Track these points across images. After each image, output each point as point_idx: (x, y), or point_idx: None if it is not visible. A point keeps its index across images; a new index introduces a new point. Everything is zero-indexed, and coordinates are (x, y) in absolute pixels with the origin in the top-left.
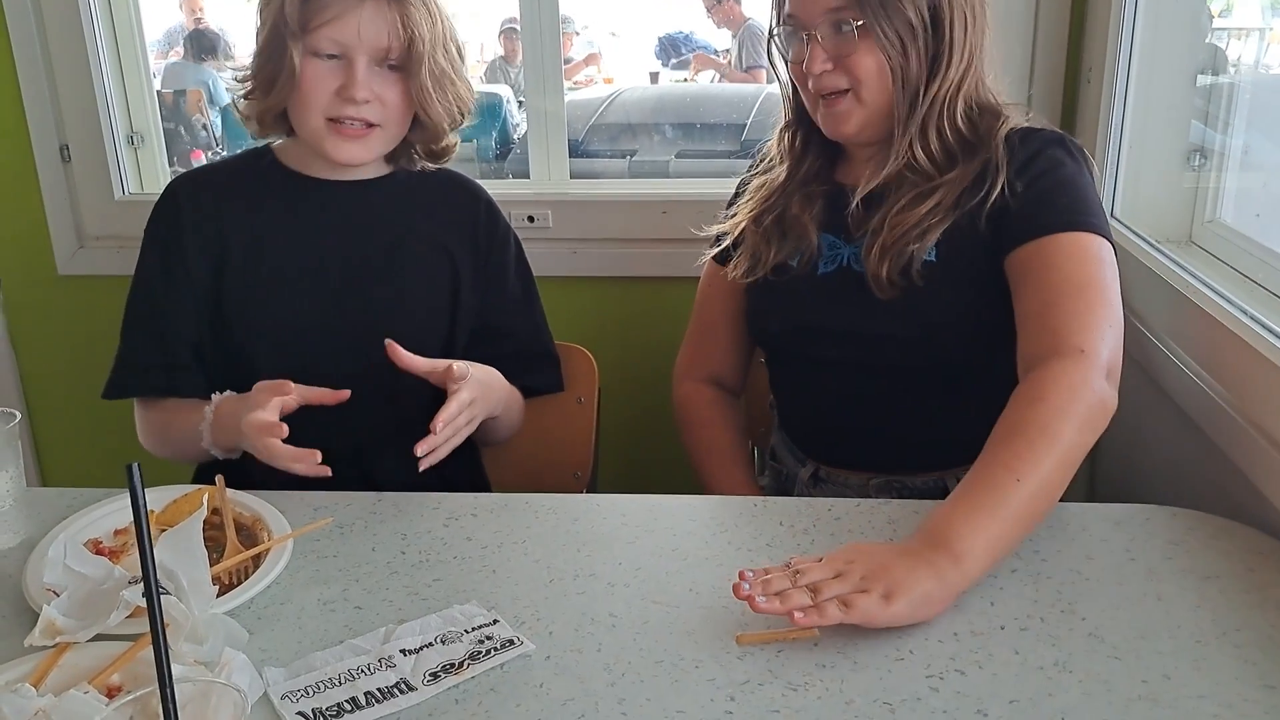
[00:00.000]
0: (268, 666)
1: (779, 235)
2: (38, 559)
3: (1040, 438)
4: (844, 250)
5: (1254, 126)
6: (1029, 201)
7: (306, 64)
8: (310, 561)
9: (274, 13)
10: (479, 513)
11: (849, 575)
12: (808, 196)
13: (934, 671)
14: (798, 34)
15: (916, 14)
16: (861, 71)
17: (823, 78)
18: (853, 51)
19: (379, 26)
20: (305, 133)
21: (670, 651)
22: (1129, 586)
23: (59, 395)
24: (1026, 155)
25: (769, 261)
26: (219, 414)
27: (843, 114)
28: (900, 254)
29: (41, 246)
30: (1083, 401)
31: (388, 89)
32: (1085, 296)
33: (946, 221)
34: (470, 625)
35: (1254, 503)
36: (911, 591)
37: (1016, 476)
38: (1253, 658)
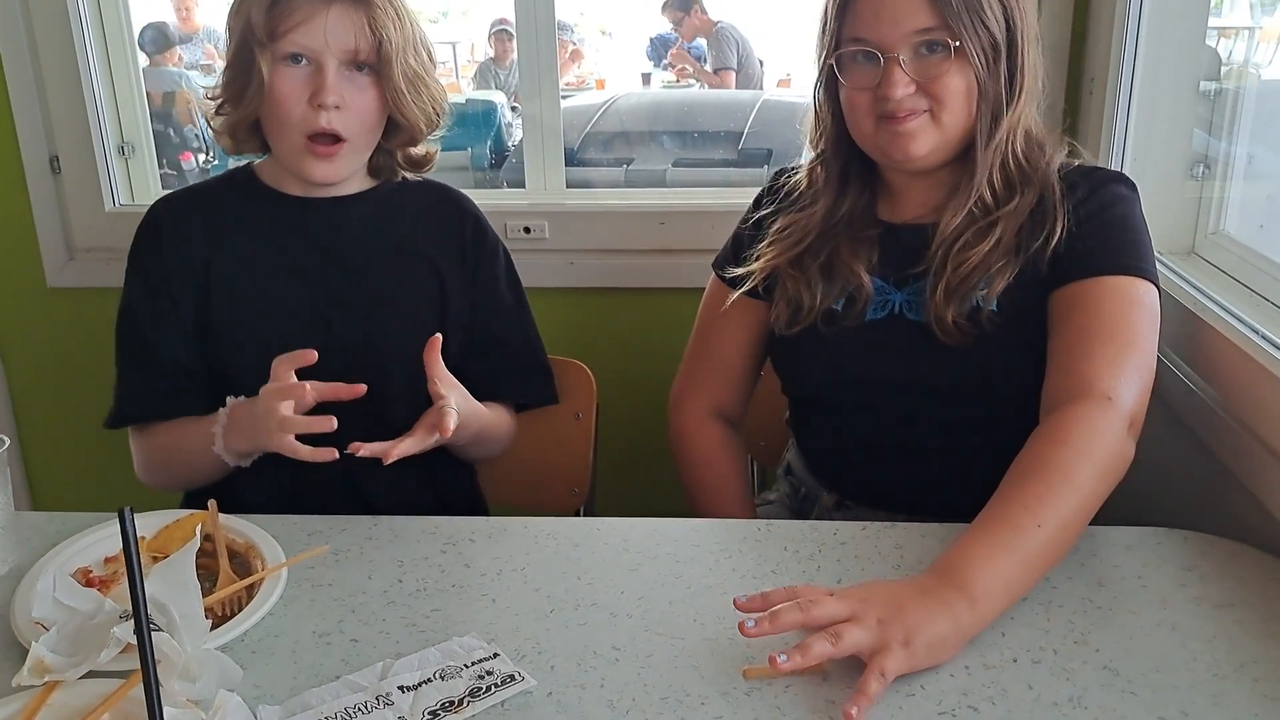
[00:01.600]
0: (262, 704)
1: (824, 280)
2: (26, 590)
3: (1062, 482)
4: (894, 296)
5: (1258, 136)
6: (1083, 239)
7: (276, 72)
8: (305, 591)
9: (241, 24)
10: (477, 538)
11: (865, 619)
12: (857, 239)
13: (946, 708)
14: (870, 57)
15: (1000, 32)
16: (947, 94)
17: (902, 101)
18: (940, 74)
19: (346, 28)
20: (282, 151)
21: (675, 687)
22: (1142, 615)
23: (48, 407)
24: (1086, 192)
25: (816, 309)
26: (234, 418)
27: (915, 132)
28: (966, 297)
29: (31, 258)
30: (1106, 449)
31: (359, 94)
32: (1118, 341)
33: (1012, 268)
34: (470, 659)
35: (1259, 519)
36: (929, 635)
37: (1037, 521)
38: (1272, 692)
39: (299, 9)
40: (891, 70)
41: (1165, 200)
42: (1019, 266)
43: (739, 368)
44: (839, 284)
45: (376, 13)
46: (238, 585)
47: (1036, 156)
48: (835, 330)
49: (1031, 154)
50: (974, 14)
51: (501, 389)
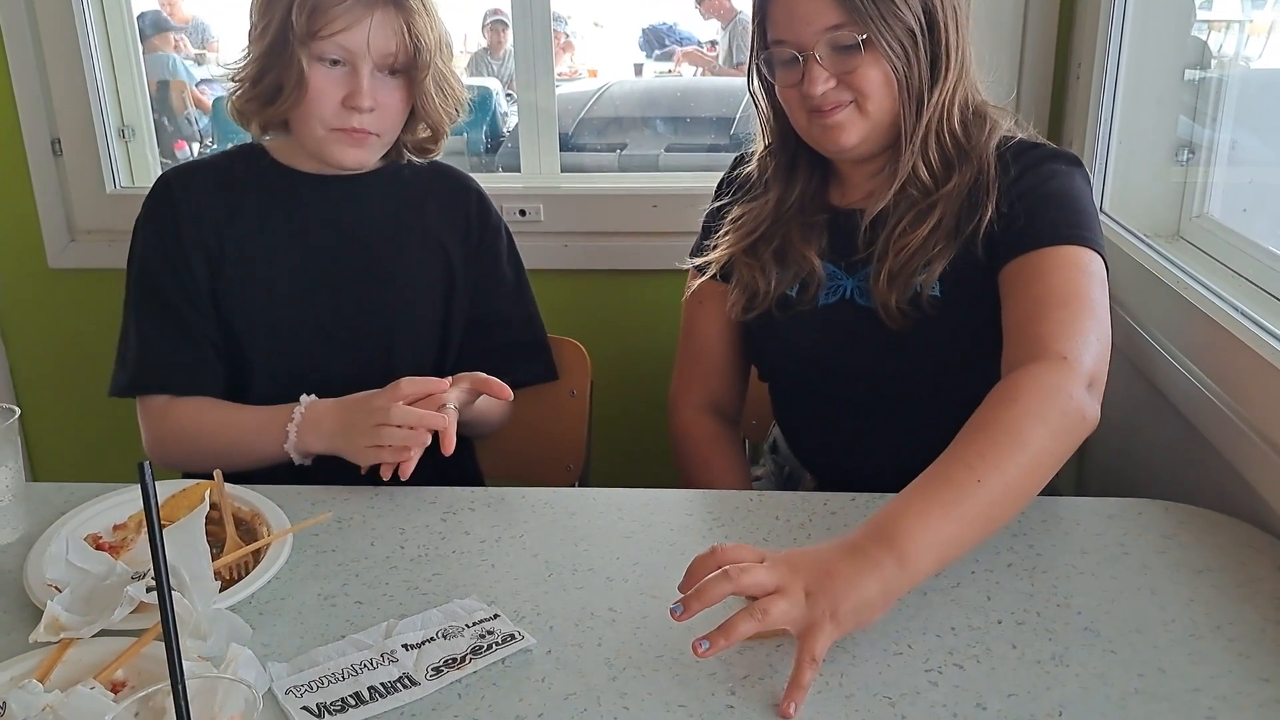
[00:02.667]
0: (270, 662)
1: (777, 266)
2: (38, 554)
3: (1007, 439)
4: (846, 282)
5: (1241, 122)
6: (1021, 215)
7: (312, 71)
8: (310, 556)
9: (279, 20)
10: (476, 507)
11: (792, 591)
12: (808, 224)
13: (933, 665)
14: (790, 56)
15: (915, 19)
16: (866, 85)
17: (825, 95)
18: (855, 67)
19: (387, 34)
20: (309, 141)
21: (670, 646)
22: (1123, 580)
23: (49, 389)
24: (1019, 171)
25: (770, 295)
26: (309, 417)
27: (843, 124)
28: (908, 282)
29: (32, 240)
30: (1057, 407)
31: (390, 95)
32: (1070, 307)
33: (949, 252)
34: (471, 620)
35: (1243, 494)
36: (855, 600)
37: (978, 477)
38: (1247, 651)
39: (342, 15)
40: (810, 68)
41: (1151, 184)
42: (956, 249)
43: (724, 357)
44: (792, 269)
45: (414, 18)
46: (245, 550)
47: (976, 132)
48: (790, 316)
49: (970, 129)
50: (882, 4)
51: (502, 367)
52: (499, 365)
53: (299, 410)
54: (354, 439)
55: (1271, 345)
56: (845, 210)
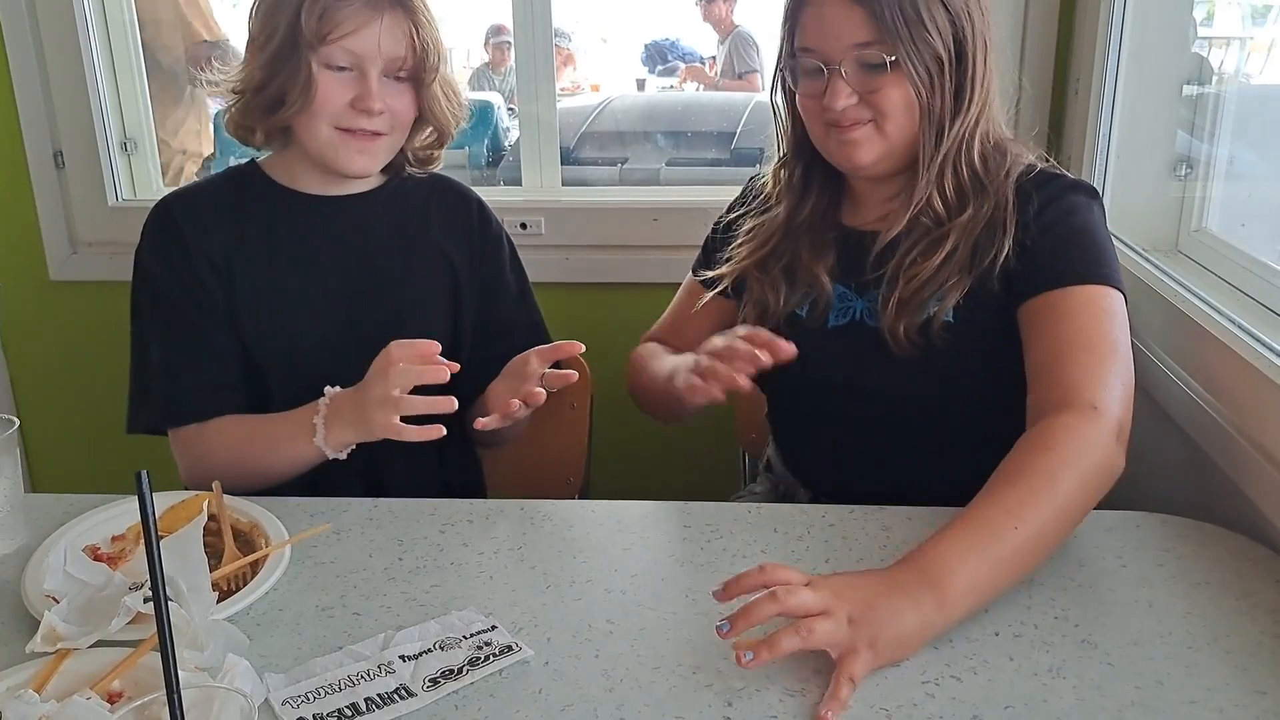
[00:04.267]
0: (267, 673)
1: (787, 283)
2: (36, 565)
3: (1045, 488)
4: (856, 303)
5: (1239, 137)
6: (1043, 251)
7: (320, 75)
8: (308, 568)
9: (286, 24)
10: (475, 519)
11: (837, 614)
12: (818, 243)
13: (930, 677)
14: (815, 67)
15: (944, 46)
16: (888, 106)
17: (846, 110)
18: (880, 87)
19: (396, 38)
20: (314, 143)
21: (668, 658)
22: (1120, 593)
23: (50, 401)
24: (1041, 203)
25: (780, 311)
26: (334, 406)
27: (860, 141)
28: (917, 311)
29: (34, 252)
30: (1090, 459)
31: (397, 99)
32: (1098, 351)
33: (964, 283)
34: (469, 631)
35: (1241, 507)
36: (895, 633)
37: (1015, 524)
38: (1243, 664)
39: (351, 17)
40: (834, 81)
41: (1149, 199)
42: (971, 282)
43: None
44: (801, 288)
45: (421, 23)
46: (243, 561)
47: (996, 165)
48: (798, 334)
49: (990, 162)
50: (914, 28)
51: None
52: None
53: (323, 403)
54: (371, 418)
55: (1269, 359)
56: (856, 230)
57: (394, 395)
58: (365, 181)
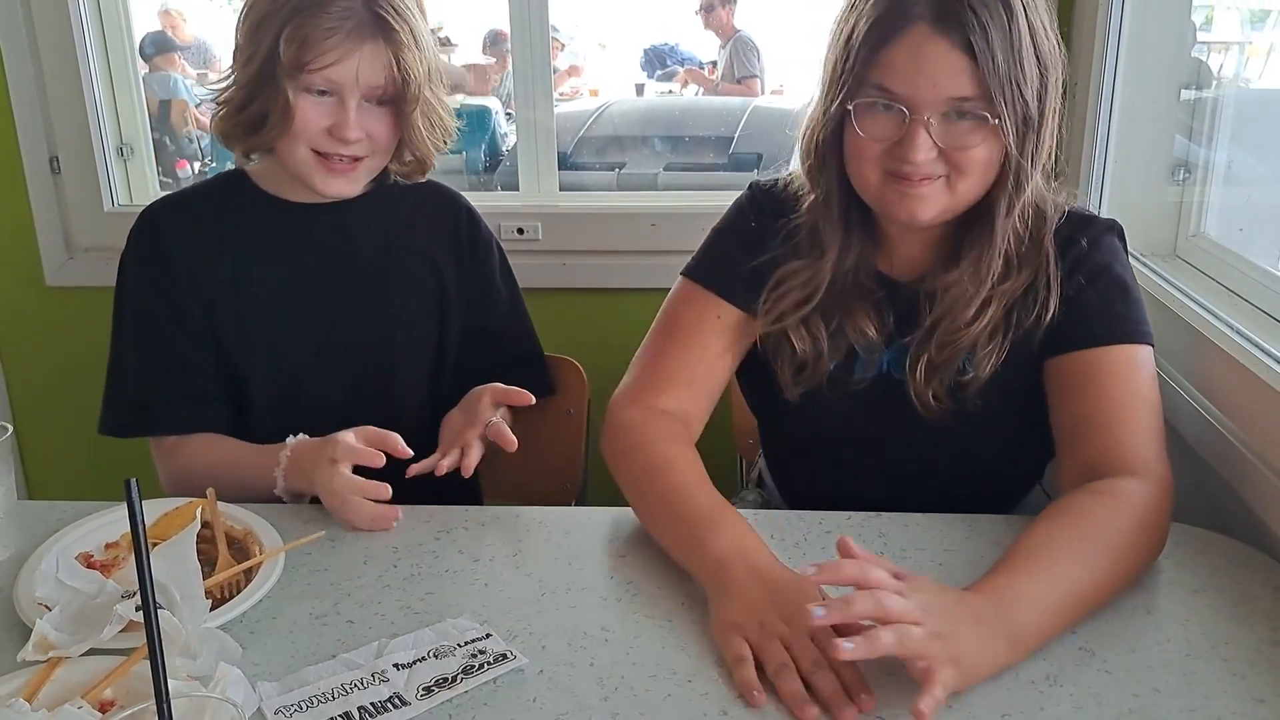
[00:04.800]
0: (260, 681)
1: (831, 338)
2: (29, 573)
3: (1119, 549)
4: (883, 355)
5: (1237, 141)
6: (1086, 305)
7: (299, 101)
8: (302, 575)
9: (266, 49)
10: (470, 526)
11: (929, 625)
12: (865, 297)
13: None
14: (895, 112)
15: (1034, 106)
16: (969, 165)
17: (922, 164)
18: (969, 145)
19: (376, 68)
20: (291, 163)
21: (663, 666)
22: (1118, 600)
23: (46, 406)
24: (1084, 246)
25: (824, 369)
26: (294, 458)
27: (926, 197)
28: (949, 375)
29: (30, 257)
30: (1160, 531)
31: (377, 124)
32: (1150, 417)
33: (1003, 347)
34: (463, 639)
35: (1239, 513)
36: (973, 661)
37: (1090, 579)
38: (1241, 671)
39: (333, 49)
40: (916, 132)
41: (1147, 203)
42: (1008, 345)
43: (715, 383)
44: (846, 344)
45: (403, 50)
46: (236, 569)
47: (1039, 230)
48: (833, 391)
49: (1036, 228)
50: (1014, 87)
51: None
52: (495, 380)
53: (285, 454)
54: (318, 491)
55: (1268, 365)
56: (889, 279)
57: (337, 492)
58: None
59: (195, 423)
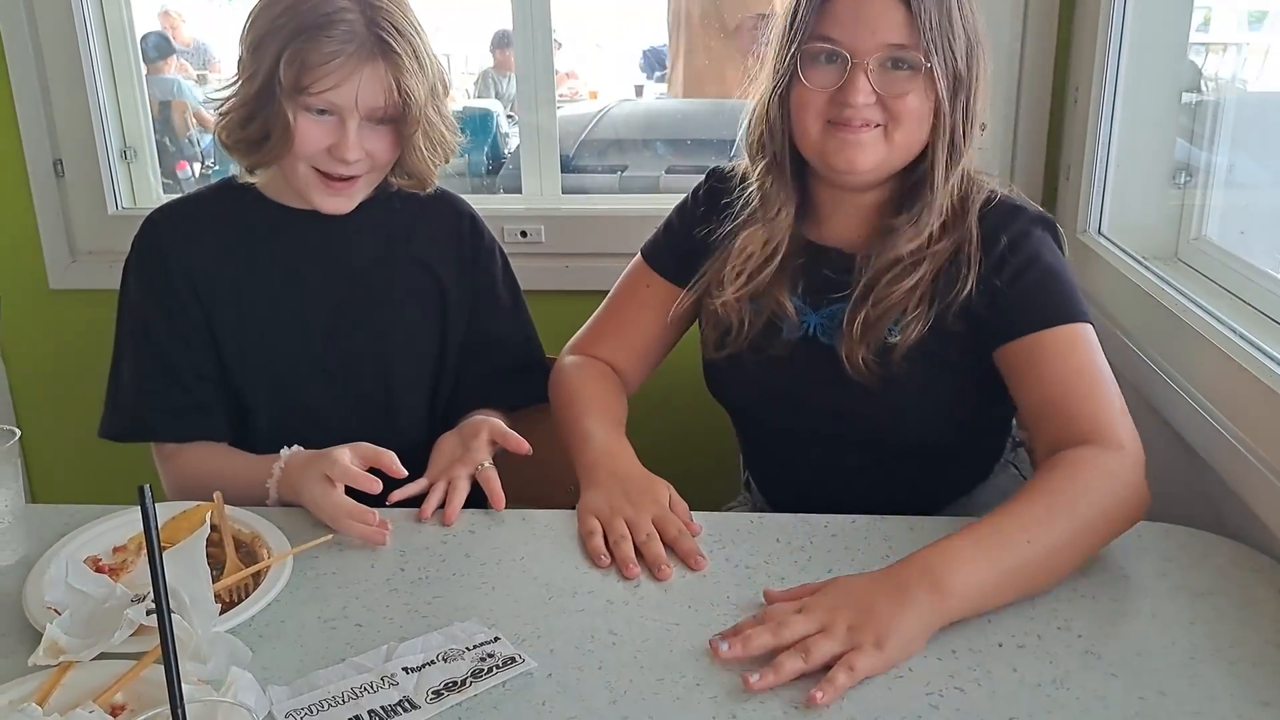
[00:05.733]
0: (270, 685)
1: (752, 305)
2: (37, 577)
3: (1064, 510)
4: (811, 318)
5: (1238, 144)
6: (1021, 292)
7: (299, 121)
8: (310, 579)
9: (267, 68)
10: (476, 529)
11: (835, 629)
12: (786, 265)
13: (934, 689)
14: (835, 59)
15: (963, 66)
16: (905, 113)
17: (861, 109)
18: (904, 92)
19: (375, 90)
20: (293, 178)
21: (672, 669)
22: (1124, 603)
23: (50, 409)
24: (1006, 244)
25: (745, 334)
26: (289, 469)
27: (865, 144)
28: (879, 336)
29: (33, 260)
30: (1116, 493)
31: (377, 142)
32: (1101, 386)
33: (928, 316)
34: (471, 643)
35: (1243, 517)
36: (898, 635)
37: (1028, 538)
38: (1246, 674)
39: (331, 73)
40: (856, 77)
41: (1148, 207)
42: (933, 315)
43: (649, 346)
44: (766, 311)
45: (403, 72)
46: (245, 572)
47: (971, 199)
48: (758, 354)
49: (967, 196)
50: (948, 38)
51: (499, 388)
52: (496, 387)
53: (278, 465)
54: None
55: (1269, 368)
56: (818, 246)
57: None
58: None
59: (191, 431)
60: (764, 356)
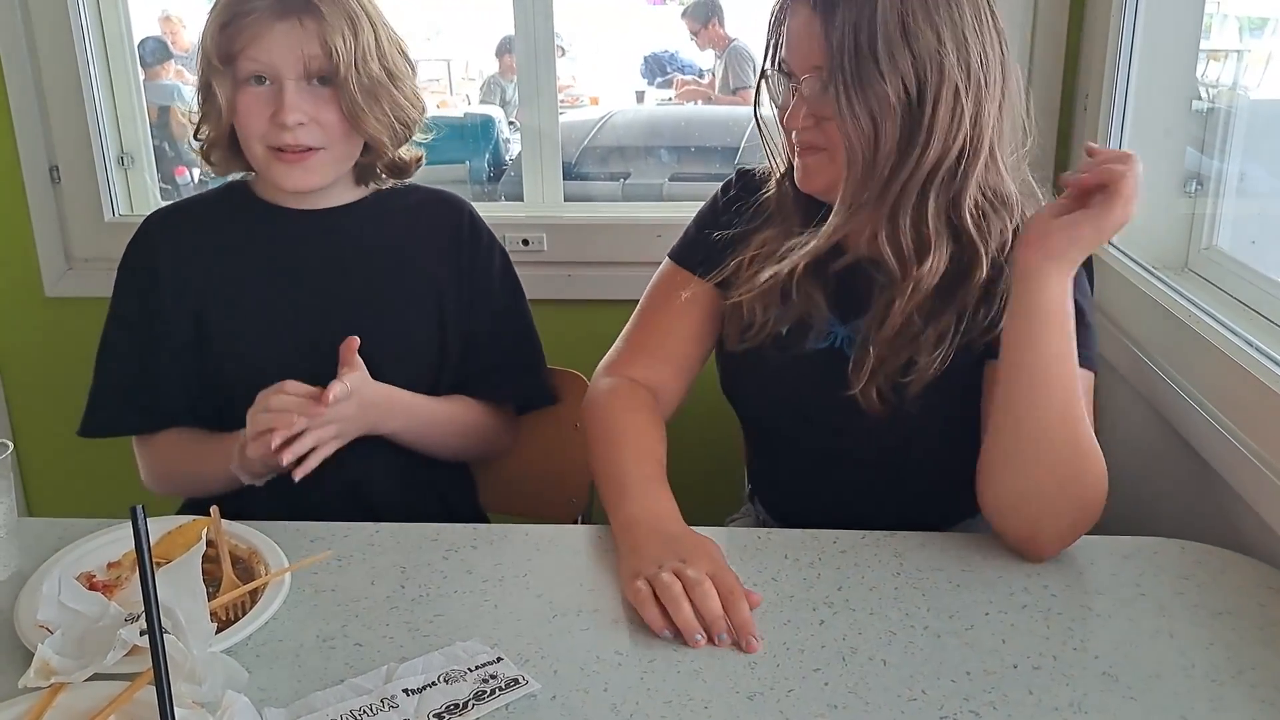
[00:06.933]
0: (267, 707)
1: (779, 302)
2: (30, 594)
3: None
4: (839, 330)
5: (1250, 153)
6: None
7: (239, 93)
8: (308, 596)
9: (204, 51)
10: (478, 544)
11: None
12: (823, 272)
13: (948, 712)
14: (786, 80)
15: (896, 89)
16: (835, 138)
17: (803, 133)
18: (831, 115)
19: (293, 43)
20: (255, 164)
21: (679, 692)
22: (1140, 623)
23: (45, 417)
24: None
25: (767, 330)
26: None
27: (813, 168)
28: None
29: (29, 268)
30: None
31: (322, 108)
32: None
33: (946, 356)
34: (474, 663)
35: (1259, 532)
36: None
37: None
38: (1269, 698)
39: (246, 29)
40: (793, 99)
41: (1159, 216)
42: (955, 351)
43: (684, 354)
44: (795, 311)
45: (326, 26)
46: (241, 590)
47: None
48: (776, 353)
49: (988, 222)
50: (862, 62)
51: (490, 386)
52: (487, 384)
53: (243, 433)
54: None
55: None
56: (858, 258)
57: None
58: (345, 194)
59: (146, 426)
60: (787, 356)
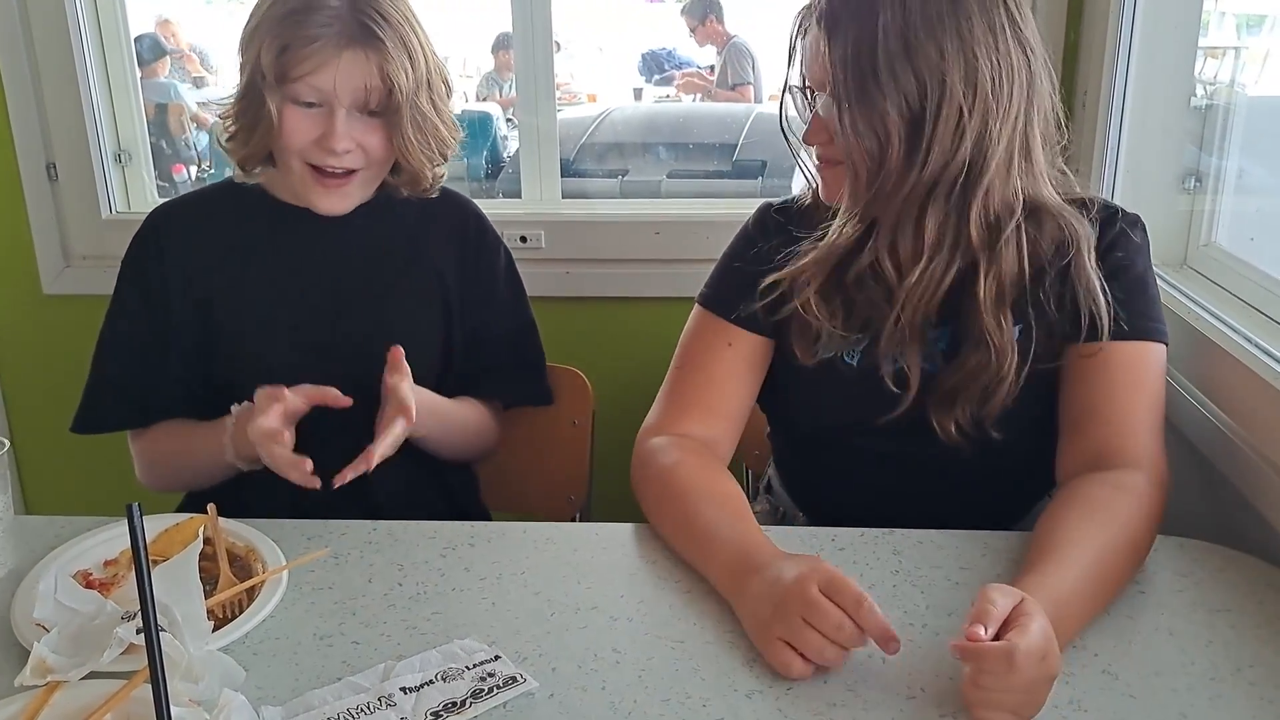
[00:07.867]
0: (264, 705)
1: (844, 313)
2: (26, 592)
3: (1138, 552)
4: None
5: (1248, 150)
6: (1117, 295)
7: (286, 112)
8: (306, 594)
9: (251, 60)
10: (476, 542)
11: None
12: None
13: (946, 710)
14: (804, 96)
15: (898, 106)
16: (841, 152)
17: (821, 148)
18: (836, 130)
19: (356, 76)
20: (289, 175)
21: (677, 690)
22: (1140, 620)
23: (42, 416)
24: (1113, 238)
25: (829, 347)
26: (240, 424)
27: (831, 181)
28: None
29: (27, 266)
30: (1157, 525)
31: (369, 135)
32: (1157, 412)
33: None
34: (471, 661)
35: (1257, 528)
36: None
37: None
38: (1269, 695)
39: (310, 57)
40: (814, 116)
41: (1158, 212)
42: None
43: (733, 408)
44: (859, 320)
45: (388, 59)
46: (238, 588)
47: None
48: (846, 369)
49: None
50: (863, 79)
51: (488, 385)
52: (485, 383)
53: (230, 421)
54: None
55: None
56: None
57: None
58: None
59: (139, 420)
60: (854, 373)
